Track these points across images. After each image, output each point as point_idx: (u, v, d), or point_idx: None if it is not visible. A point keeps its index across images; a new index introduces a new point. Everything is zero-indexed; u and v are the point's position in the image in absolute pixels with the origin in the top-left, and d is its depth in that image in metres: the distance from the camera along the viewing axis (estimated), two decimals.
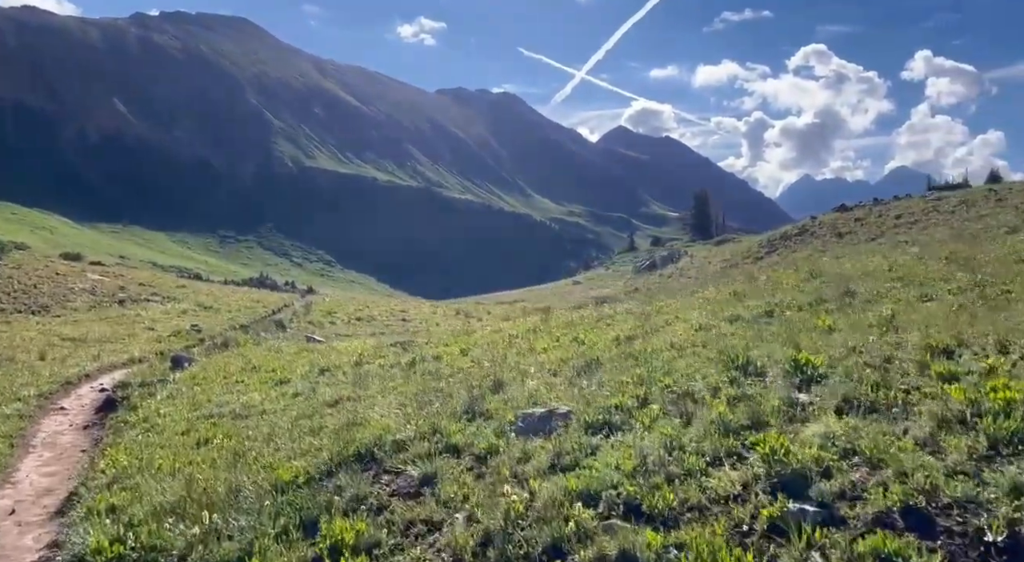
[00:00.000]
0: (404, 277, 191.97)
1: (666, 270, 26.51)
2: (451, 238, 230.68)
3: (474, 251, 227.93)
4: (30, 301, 23.41)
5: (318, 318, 27.02)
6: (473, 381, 8.00)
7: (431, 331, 23.93)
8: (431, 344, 12.40)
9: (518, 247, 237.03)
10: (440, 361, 10.47)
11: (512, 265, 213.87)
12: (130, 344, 17.71)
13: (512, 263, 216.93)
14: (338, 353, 14.04)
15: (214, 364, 13.07)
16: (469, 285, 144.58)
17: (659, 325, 9.56)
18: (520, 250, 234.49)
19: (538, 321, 12.72)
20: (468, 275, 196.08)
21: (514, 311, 32.60)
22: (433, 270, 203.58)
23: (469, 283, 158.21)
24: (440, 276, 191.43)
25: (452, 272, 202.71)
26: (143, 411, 10.04)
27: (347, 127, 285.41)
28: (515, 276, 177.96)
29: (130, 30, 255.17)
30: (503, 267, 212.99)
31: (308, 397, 9.32)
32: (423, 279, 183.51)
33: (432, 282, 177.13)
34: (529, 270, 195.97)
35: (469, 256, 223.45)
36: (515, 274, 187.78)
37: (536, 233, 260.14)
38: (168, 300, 26.56)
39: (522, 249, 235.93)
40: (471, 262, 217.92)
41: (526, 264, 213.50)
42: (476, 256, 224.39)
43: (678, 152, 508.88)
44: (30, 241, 77.83)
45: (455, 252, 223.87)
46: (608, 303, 14.91)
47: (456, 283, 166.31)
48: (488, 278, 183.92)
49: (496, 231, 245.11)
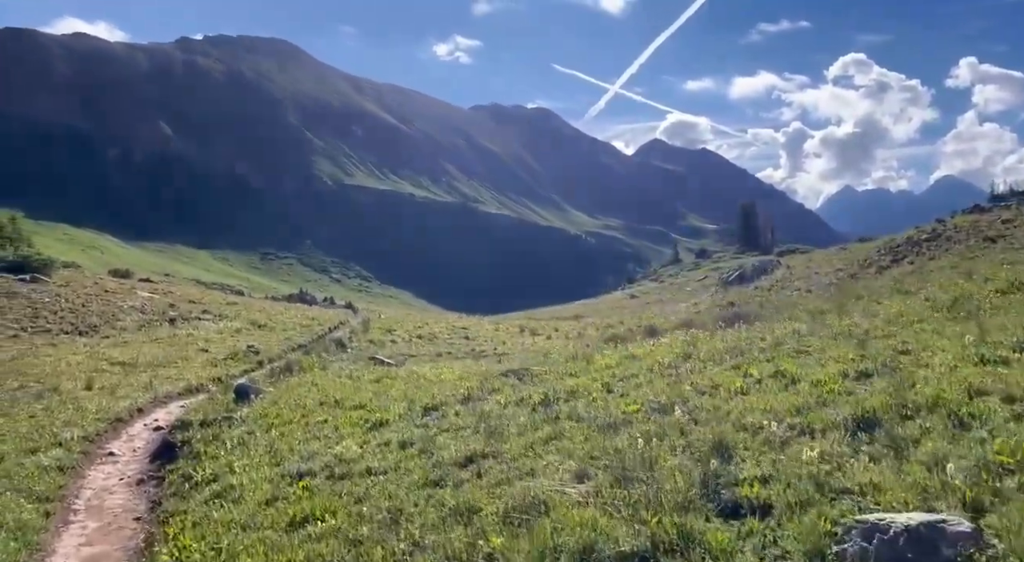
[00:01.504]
0: (441, 292, 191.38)
1: (761, 282, 23.68)
2: (487, 253, 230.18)
3: (510, 265, 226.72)
4: (78, 321, 21.90)
5: (377, 336, 25.01)
6: (674, 439, 5.65)
7: (510, 350, 21.70)
8: (550, 373, 10.10)
9: (555, 261, 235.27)
10: (577, 398, 8.16)
11: (550, 279, 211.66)
12: (184, 369, 15.84)
13: (550, 277, 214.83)
14: (427, 382, 11.83)
15: (286, 397, 10.98)
16: (507, 300, 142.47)
17: (916, 359, 6.99)
18: (557, 264, 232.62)
19: (683, 344, 10.29)
20: (505, 289, 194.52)
21: (582, 327, 30.17)
22: (470, 285, 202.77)
23: (507, 298, 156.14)
24: (477, 291, 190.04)
25: (489, 286, 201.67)
26: (210, 464, 7.93)
27: (384, 145, 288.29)
28: (553, 290, 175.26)
29: (175, 54, 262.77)
30: (540, 281, 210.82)
31: (424, 450, 7.07)
32: (460, 294, 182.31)
33: (469, 297, 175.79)
34: (567, 284, 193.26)
35: (506, 270, 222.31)
36: (553, 288, 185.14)
37: (572, 247, 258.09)
38: (219, 318, 24.88)
39: (559, 263, 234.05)
40: (508, 276, 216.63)
41: (564, 278, 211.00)
42: (512, 270, 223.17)
43: (715, 164, 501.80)
44: (81, 260, 78.60)
45: (492, 266, 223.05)
46: (739, 320, 12.40)
47: (494, 297, 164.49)
48: (526, 292, 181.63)
49: (532, 245, 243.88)
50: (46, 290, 24.88)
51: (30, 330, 20.25)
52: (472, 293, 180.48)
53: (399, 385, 11.90)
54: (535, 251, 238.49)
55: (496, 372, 10.99)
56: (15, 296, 23.26)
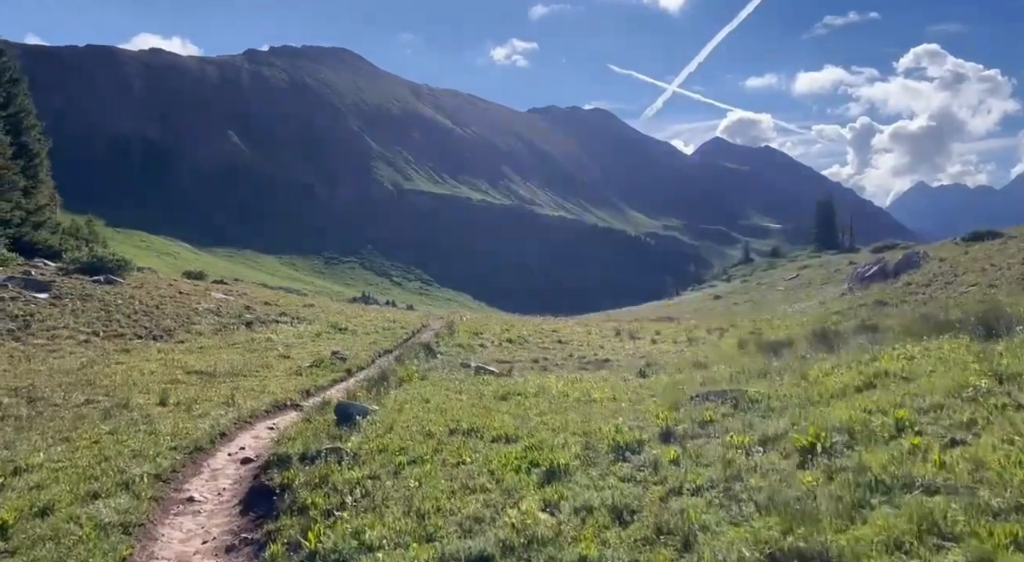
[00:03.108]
0: (500, 294, 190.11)
1: (910, 277, 19.96)
2: (546, 255, 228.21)
3: (569, 267, 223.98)
4: (151, 324, 20.37)
5: (466, 340, 22.65)
6: None
7: (617, 356, 18.89)
8: (774, 396, 7.31)
9: (614, 262, 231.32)
10: (865, 443, 5.38)
11: (610, 280, 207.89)
12: (267, 379, 13.77)
13: (609, 278, 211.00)
14: (571, 401, 9.23)
15: (401, 420, 8.58)
16: (566, 302, 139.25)
17: None
18: (616, 265, 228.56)
19: (963, 352, 7.28)
20: (564, 292, 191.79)
21: (688, 329, 27.04)
22: (528, 286, 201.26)
23: (566, 300, 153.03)
24: (536, 292, 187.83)
25: (548, 287, 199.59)
26: (326, 529, 5.51)
27: (442, 149, 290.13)
28: (614, 291, 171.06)
29: (243, 66, 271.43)
30: (599, 283, 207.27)
31: (668, 531, 4.46)
32: (519, 296, 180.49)
33: (528, 299, 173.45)
34: (627, 285, 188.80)
35: (564, 272, 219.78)
36: (613, 290, 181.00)
37: (632, 247, 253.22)
38: (297, 321, 23.08)
39: (618, 264, 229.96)
40: (566, 278, 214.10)
41: (623, 279, 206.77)
42: (571, 272, 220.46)
43: (779, 162, 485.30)
44: (156, 265, 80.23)
45: (550, 269, 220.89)
46: (929, 322, 9.28)
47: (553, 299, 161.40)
48: (586, 294, 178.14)
49: (591, 246, 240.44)
50: (120, 292, 23.65)
51: (102, 334, 18.79)
52: (531, 295, 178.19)
53: (537, 405, 9.34)
54: (594, 253, 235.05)
55: (686, 393, 8.23)
56: (89, 298, 22.02)
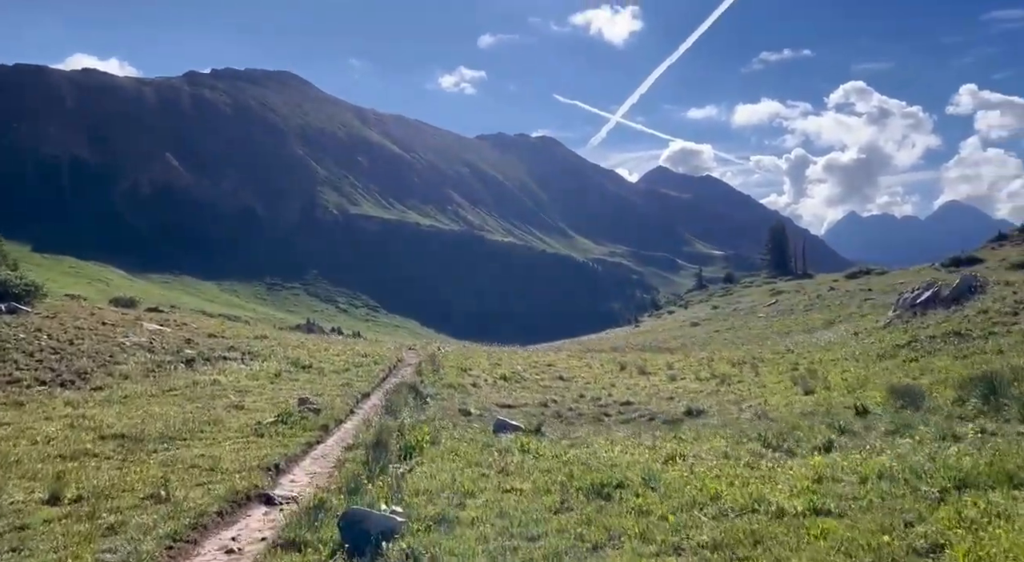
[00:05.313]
0: (448, 320, 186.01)
1: (980, 303, 17.39)
2: (494, 280, 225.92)
3: (517, 293, 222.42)
4: (60, 366, 16.00)
5: (455, 379, 19.09)
6: None
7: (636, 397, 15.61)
8: None
9: (563, 288, 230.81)
10: None
11: (557, 306, 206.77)
12: (216, 444, 9.92)
13: (559, 304, 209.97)
14: (688, 502, 6.01)
15: (450, 546, 5.12)
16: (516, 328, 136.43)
17: None
18: (565, 291, 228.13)
19: None
20: (514, 316, 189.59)
21: (698, 363, 24.17)
22: (477, 312, 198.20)
23: (516, 326, 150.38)
24: (486, 318, 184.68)
25: (497, 313, 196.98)
26: None
27: (390, 174, 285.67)
28: (564, 317, 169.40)
29: (183, 87, 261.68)
30: (549, 308, 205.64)
31: None
32: (467, 322, 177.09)
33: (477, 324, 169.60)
34: (575, 311, 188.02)
35: (512, 298, 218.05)
36: (564, 315, 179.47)
37: (580, 273, 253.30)
38: (250, 357, 19.01)
39: (567, 290, 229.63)
40: (514, 303, 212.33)
41: (572, 305, 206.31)
42: (519, 297, 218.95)
43: (719, 191, 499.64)
44: (86, 293, 73.10)
45: (498, 294, 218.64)
46: None
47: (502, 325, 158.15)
48: (535, 319, 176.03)
49: (539, 272, 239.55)
50: (24, 323, 19.11)
51: None
52: (480, 320, 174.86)
53: (681, 520, 6.06)
54: (542, 278, 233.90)
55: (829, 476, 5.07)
56: None
